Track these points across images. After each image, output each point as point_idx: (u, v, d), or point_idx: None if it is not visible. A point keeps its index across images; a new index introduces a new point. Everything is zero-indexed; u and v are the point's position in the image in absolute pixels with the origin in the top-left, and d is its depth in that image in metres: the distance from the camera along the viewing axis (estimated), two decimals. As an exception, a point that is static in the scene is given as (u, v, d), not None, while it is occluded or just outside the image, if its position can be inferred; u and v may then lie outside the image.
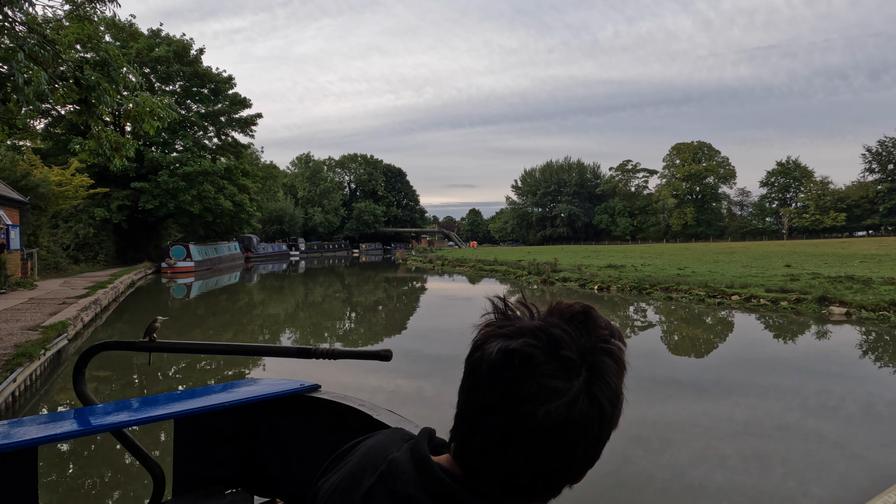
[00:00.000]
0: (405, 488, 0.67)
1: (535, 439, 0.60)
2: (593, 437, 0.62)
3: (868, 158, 78.25)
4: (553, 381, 0.60)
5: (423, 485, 0.66)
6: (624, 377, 0.64)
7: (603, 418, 0.62)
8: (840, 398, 6.83)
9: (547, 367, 0.60)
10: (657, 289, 18.14)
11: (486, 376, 0.63)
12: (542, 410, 0.59)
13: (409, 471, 0.69)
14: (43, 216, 23.35)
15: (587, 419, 0.60)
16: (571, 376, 0.60)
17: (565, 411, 0.59)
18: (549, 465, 0.62)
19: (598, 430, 0.62)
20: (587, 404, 0.60)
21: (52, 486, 4.64)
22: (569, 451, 0.61)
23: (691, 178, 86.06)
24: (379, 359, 1.82)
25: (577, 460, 0.62)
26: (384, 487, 0.70)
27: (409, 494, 0.66)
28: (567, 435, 0.60)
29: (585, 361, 0.61)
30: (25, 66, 5.85)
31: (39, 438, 1.43)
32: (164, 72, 34.48)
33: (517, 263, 30.63)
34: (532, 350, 0.61)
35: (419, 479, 0.67)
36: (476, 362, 0.65)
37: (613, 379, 0.63)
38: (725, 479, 4.54)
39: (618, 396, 0.63)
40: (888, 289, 14.09)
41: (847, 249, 34.92)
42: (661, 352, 9.94)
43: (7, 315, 10.89)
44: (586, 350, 0.62)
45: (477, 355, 0.65)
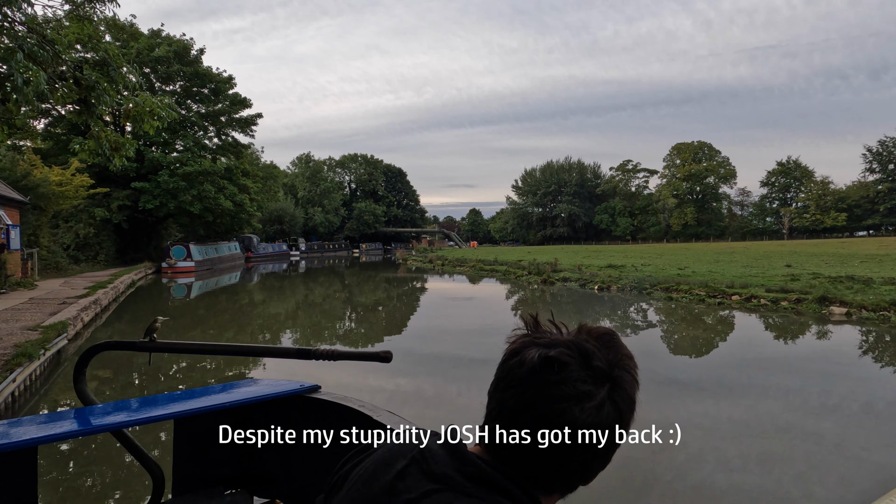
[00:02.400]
0: (440, 468, 0.73)
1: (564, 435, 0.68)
2: (611, 440, 0.70)
3: (868, 158, 78.26)
4: (585, 387, 0.69)
5: (458, 466, 0.72)
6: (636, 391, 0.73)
7: (621, 423, 0.71)
8: (841, 398, 6.82)
9: (580, 374, 0.69)
10: (657, 289, 18.13)
11: (525, 378, 0.71)
12: (577, 410, 0.68)
13: (442, 455, 0.75)
14: (43, 216, 23.36)
15: (610, 422, 0.69)
16: (599, 384, 0.69)
17: (595, 413, 0.68)
18: (571, 460, 0.69)
19: (612, 439, 0.70)
20: (611, 409, 0.69)
21: (52, 486, 4.64)
22: (591, 449, 0.69)
23: (692, 178, 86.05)
24: (379, 360, 1.82)
25: (596, 458, 0.70)
26: (417, 468, 0.74)
27: (445, 474, 0.72)
28: (592, 434, 0.68)
29: (611, 373, 0.71)
30: (25, 66, 5.84)
31: (39, 438, 1.43)
32: (164, 72, 34.48)
33: (517, 263, 30.62)
34: (568, 359, 0.70)
35: (453, 462, 0.73)
36: (514, 366, 0.73)
37: (630, 391, 0.72)
38: (726, 479, 4.54)
39: (633, 407, 0.72)
40: (889, 289, 14.08)
41: (847, 249, 34.91)
42: (662, 352, 9.93)
43: (7, 315, 10.89)
44: (611, 364, 0.71)
45: (515, 360, 0.73)
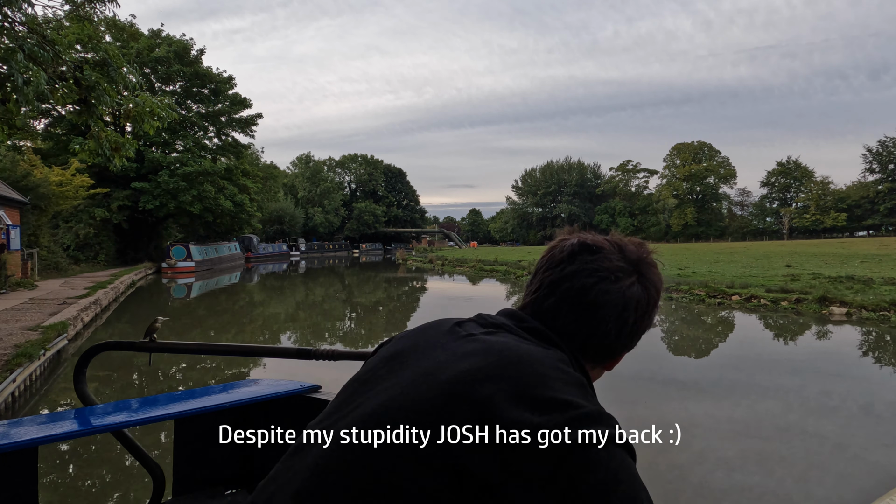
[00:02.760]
0: (496, 319, 0.85)
1: (600, 302, 0.79)
2: (638, 317, 0.82)
3: (868, 158, 78.26)
4: (620, 265, 0.82)
5: (513, 320, 0.83)
6: (661, 287, 0.86)
7: (648, 304, 0.83)
8: (841, 398, 6.82)
9: (615, 256, 0.83)
10: (657, 289, 18.14)
11: (566, 256, 0.84)
12: (612, 281, 0.80)
13: (498, 315, 0.87)
14: (43, 216, 23.36)
15: (639, 300, 0.81)
16: (631, 268, 0.82)
17: (626, 288, 0.80)
18: (604, 327, 0.80)
19: (642, 313, 0.82)
20: (640, 290, 0.82)
21: (53, 486, 4.64)
22: (622, 319, 0.80)
23: (692, 179, 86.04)
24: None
25: (624, 331, 0.81)
26: (473, 321, 0.86)
27: (502, 322, 0.83)
28: (623, 305, 0.80)
29: (639, 265, 0.84)
30: (25, 67, 5.84)
31: (39, 438, 1.43)
32: (164, 72, 34.49)
33: (517, 263, 30.61)
34: (605, 244, 0.84)
35: (509, 319, 0.84)
36: (556, 250, 0.86)
37: (656, 284, 0.85)
38: (726, 479, 4.54)
39: (657, 293, 0.85)
40: (889, 289, 14.08)
41: (847, 249, 34.92)
42: (662, 352, 9.93)
43: (7, 315, 10.90)
44: (641, 258, 0.84)
45: (557, 246, 0.87)
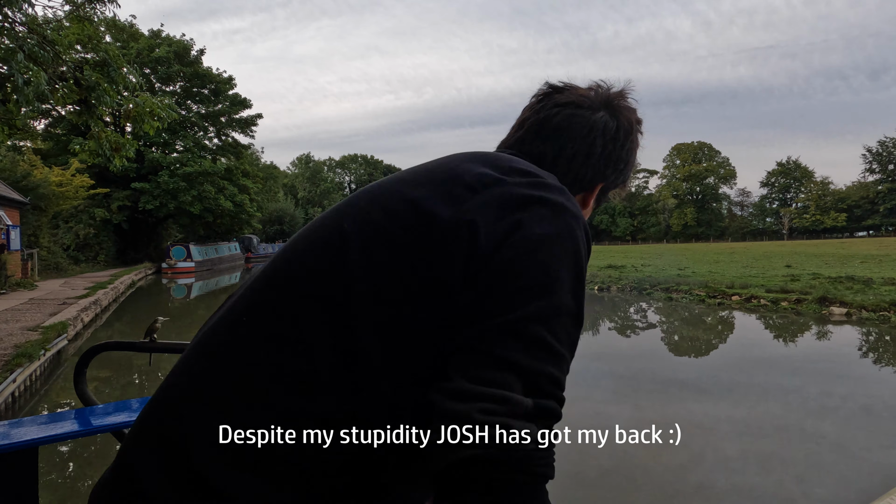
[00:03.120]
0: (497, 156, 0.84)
1: (564, 126, 0.85)
2: (608, 143, 0.85)
3: (868, 159, 78.27)
4: (587, 98, 0.87)
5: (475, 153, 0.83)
6: (635, 119, 0.90)
7: (618, 131, 0.87)
8: (841, 399, 6.82)
9: (584, 92, 0.89)
10: (657, 289, 18.14)
11: (537, 98, 0.90)
12: (576, 107, 0.86)
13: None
14: (43, 217, 23.35)
15: (606, 125, 0.85)
16: (600, 102, 0.87)
17: (592, 114, 0.85)
18: (569, 150, 0.84)
19: (612, 139, 0.86)
20: (608, 117, 0.86)
21: (53, 487, 4.64)
22: (588, 143, 0.84)
23: (692, 179, 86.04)
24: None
25: (592, 157, 0.85)
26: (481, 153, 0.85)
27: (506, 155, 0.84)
28: (588, 129, 0.84)
29: (612, 98, 0.89)
30: (25, 67, 5.85)
31: (40, 439, 1.43)
32: (164, 72, 34.49)
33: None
34: (576, 85, 0.91)
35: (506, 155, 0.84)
36: (533, 100, 0.91)
37: (627, 112, 0.89)
38: (726, 479, 4.54)
39: (631, 125, 0.88)
40: (889, 289, 14.08)
41: (847, 250, 34.91)
42: (662, 352, 9.94)
43: (7, 315, 10.90)
44: (613, 94, 0.89)
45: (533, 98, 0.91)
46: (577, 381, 7.83)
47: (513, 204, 0.68)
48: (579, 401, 6.82)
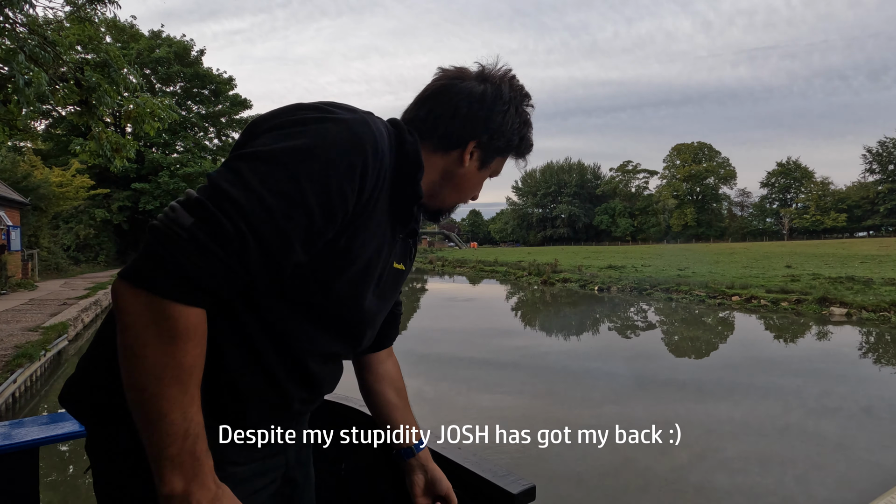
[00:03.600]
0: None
1: (435, 92, 0.98)
2: (475, 104, 0.95)
3: (868, 159, 78.24)
4: (462, 72, 0.99)
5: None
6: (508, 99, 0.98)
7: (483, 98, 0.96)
8: (841, 399, 6.83)
9: (465, 70, 1.00)
10: (658, 289, 18.14)
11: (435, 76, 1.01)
12: (448, 78, 0.98)
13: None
14: (43, 217, 23.36)
15: (472, 91, 0.96)
16: (475, 75, 0.99)
17: (461, 83, 0.97)
18: (437, 111, 0.96)
19: (479, 101, 0.95)
20: (477, 85, 0.97)
21: (53, 487, 4.64)
22: (453, 105, 0.95)
23: (692, 179, 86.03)
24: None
25: (458, 117, 0.95)
26: None
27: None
28: (455, 93, 0.96)
29: (489, 73, 0.99)
30: (26, 68, 5.85)
31: (41, 439, 1.43)
32: (164, 73, 34.50)
33: (517, 264, 30.62)
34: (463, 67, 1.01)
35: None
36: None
37: (497, 87, 0.97)
38: (726, 479, 4.54)
39: (498, 96, 0.97)
40: (889, 289, 14.08)
41: (847, 250, 34.91)
42: (662, 352, 9.94)
43: (7, 316, 10.90)
44: (489, 71, 0.99)
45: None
46: (578, 381, 7.84)
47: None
48: (579, 401, 6.82)
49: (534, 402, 6.70)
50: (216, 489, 0.74)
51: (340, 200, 0.76)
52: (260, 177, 0.71)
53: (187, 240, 0.67)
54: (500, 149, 1.00)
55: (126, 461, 0.79)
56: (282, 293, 0.82)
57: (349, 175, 0.77)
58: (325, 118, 0.78)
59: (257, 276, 0.75)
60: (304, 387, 0.92)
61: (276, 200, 0.71)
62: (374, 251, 0.89)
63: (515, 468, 1.29)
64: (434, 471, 1.18)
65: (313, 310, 0.86)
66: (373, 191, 0.82)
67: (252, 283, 0.77)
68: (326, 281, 0.83)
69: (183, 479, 0.70)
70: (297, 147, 0.74)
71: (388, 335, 1.23)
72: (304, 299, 0.84)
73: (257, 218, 0.70)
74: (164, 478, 0.69)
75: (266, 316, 0.82)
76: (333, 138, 0.76)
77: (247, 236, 0.70)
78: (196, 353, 0.70)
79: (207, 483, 0.72)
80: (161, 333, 0.67)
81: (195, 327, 0.70)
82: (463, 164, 0.98)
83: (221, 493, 0.75)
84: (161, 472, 0.69)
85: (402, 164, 0.89)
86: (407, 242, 1.04)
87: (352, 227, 0.82)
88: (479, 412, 6.29)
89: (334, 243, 0.81)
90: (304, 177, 0.73)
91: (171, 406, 0.68)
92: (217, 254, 0.68)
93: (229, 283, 0.72)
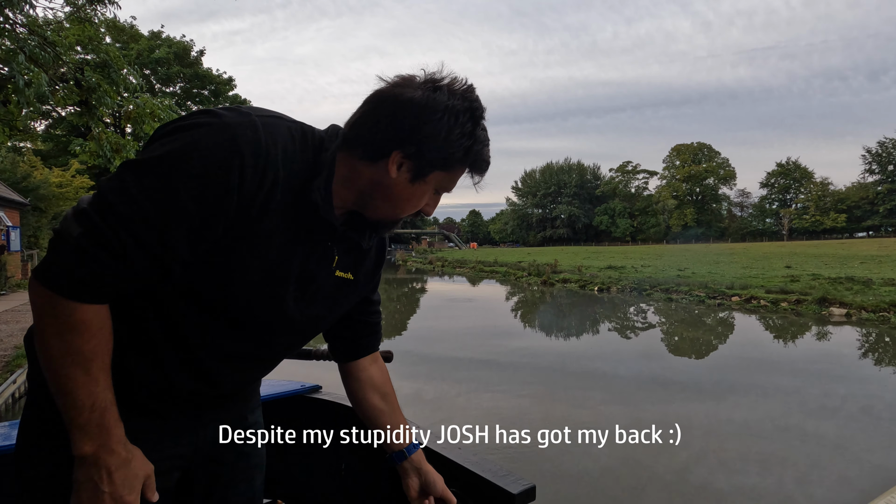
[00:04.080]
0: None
1: (371, 97, 0.91)
2: (396, 111, 0.88)
3: (868, 160, 78.28)
4: (396, 81, 0.91)
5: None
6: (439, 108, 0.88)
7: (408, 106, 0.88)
8: (841, 399, 6.83)
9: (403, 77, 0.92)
10: (657, 290, 18.14)
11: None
12: (386, 85, 0.91)
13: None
14: (43, 218, 23.36)
15: (397, 98, 0.88)
16: (404, 83, 0.90)
17: (387, 89, 0.90)
18: (366, 117, 0.91)
19: (402, 111, 0.88)
20: (402, 91, 0.89)
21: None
22: (378, 111, 0.90)
23: (691, 180, 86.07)
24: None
25: (381, 122, 0.89)
26: None
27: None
28: (383, 100, 0.90)
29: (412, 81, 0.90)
30: (26, 68, 5.85)
31: None
32: (164, 73, 34.53)
33: (517, 265, 30.63)
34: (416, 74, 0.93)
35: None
36: None
37: (426, 95, 0.88)
38: (726, 479, 4.54)
39: (426, 105, 0.87)
40: (888, 290, 14.09)
41: (847, 250, 34.93)
42: (662, 352, 9.94)
43: (7, 317, 10.90)
44: (420, 78, 0.91)
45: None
46: (577, 382, 7.84)
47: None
48: (579, 401, 6.82)
49: (533, 403, 6.70)
50: (125, 454, 0.85)
51: (214, 201, 0.80)
52: (138, 184, 0.77)
53: (74, 247, 0.77)
54: (435, 162, 0.90)
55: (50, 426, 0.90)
56: (180, 290, 0.88)
57: (220, 177, 0.79)
58: (204, 124, 0.82)
59: (145, 277, 0.83)
60: (199, 380, 0.95)
61: (152, 206, 0.77)
62: (279, 256, 0.89)
63: (515, 468, 1.29)
64: (428, 472, 1.19)
65: (209, 309, 0.90)
66: (256, 193, 0.83)
67: (149, 282, 0.85)
68: (220, 282, 0.87)
69: (92, 444, 0.82)
70: (171, 152, 0.79)
71: (365, 343, 1.23)
72: (200, 297, 0.88)
73: (135, 224, 0.77)
74: (76, 442, 0.82)
75: (164, 310, 0.89)
76: (206, 143, 0.79)
77: (126, 242, 0.77)
78: (94, 342, 0.80)
79: (116, 449, 0.84)
80: (59, 325, 0.79)
81: (90, 321, 0.80)
82: (390, 175, 0.91)
83: (131, 458, 0.86)
84: (73, 437, 0.82)
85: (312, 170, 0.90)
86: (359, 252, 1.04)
87: (238, 229, 0.84)
88: (479, 412, 6.29)
89: (222, 245, 0.84)
90: (177, 181, 0.77)
91: (76, 385, 0.80)
92: (100, 259, 0.77)
93: (118, 283, 0.81)
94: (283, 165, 0.86)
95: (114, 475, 0.83)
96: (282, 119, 0.90)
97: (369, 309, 1.20)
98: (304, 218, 0.90)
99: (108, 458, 0.83)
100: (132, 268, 0.80)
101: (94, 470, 0.83)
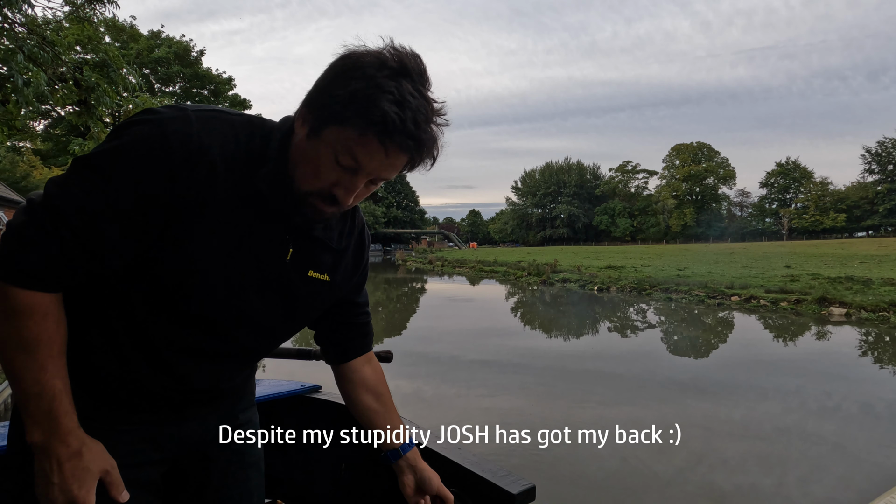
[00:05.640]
0: None
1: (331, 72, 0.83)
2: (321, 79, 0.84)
3: (867, 159, 78.34)
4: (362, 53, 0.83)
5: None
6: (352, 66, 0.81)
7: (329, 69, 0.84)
8: (841, 399, 6.83)
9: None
10: (657, 289, 18.15)
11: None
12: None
13: None
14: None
15: (331, 66, 0.84)
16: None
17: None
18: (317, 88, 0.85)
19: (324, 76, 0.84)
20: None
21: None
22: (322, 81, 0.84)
23: (691, 179, 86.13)
24: (380, 360, 1.82)
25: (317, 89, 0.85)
26: None
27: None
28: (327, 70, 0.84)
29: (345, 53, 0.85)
30: (25, 68, 5.85)
31: None
32: (164, 73, 34.51)
33: (517, 264, 30.63)
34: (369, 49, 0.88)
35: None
36: None
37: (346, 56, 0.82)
38: (726, 479, 4.54)
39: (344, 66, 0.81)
40: (888, 289, 14.09)
41: (847, 250, 34.94)
42: (662, 352, 9.94)
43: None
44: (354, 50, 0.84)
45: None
46: (577, 382, 7.83)
47: None
48: (579, 401, 6.82)
49: (533, 403, 6.69)
50: (77, 446, 0.85)
51: (147, 194, 0.82)
52: (78, 178, 0.81)
53: (18, 237, 0.80)
54: (324, 110, 0.81)
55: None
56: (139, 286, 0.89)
57: (150, 170, 0.81)
58: (142, 121, 0.84)
59: (86, 267, 0.84)
60: (164, 375, 0.95)
61: (87, 199, 0.80)
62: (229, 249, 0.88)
63: (515, 468, 1.29)
64: (423, 470, 1.19)
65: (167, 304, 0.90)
66: (191, 185, 0.83)
67: (93, 273, 0.86)
68: (174, 277, 0.88)
69: (41, 432, 0.83)
70: (108, 149, 0.82)
71: (355, 346, 1.23)
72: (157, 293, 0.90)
73: (71, 216, 0.80)
74: (28, 429, 0.84)
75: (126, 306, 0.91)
76: (139, 138, 0.82)
77: (64, 234, 0.80)
78: (38, 329, 0.82)
79: (67, 440, 0.84)
80: (5, 310, 0.81)
81: (34, 307, 0.82)
82: (297, 134, 0.87)
83: (85, 450, 0.86)
84: (25, 423, 0.84)
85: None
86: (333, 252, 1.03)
87: (183, 223, 0.85)
88: (479, 412, 6.29)
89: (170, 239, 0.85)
90: (111, 174, 0.81)
91: (22, 371, 0.82)
92: (40, 247, 0.80)
93: (58, 272, 0.83)
94: (221, 157, 0.85)
95: (63, 466, 0.83)
96: (223, 113, 0.90)
97: (355, 311, 1.19)
98: (254, 209, 0.89)
99: (57, 448, 0.83)
100: (70, 258, 0.82)
101: (45, 459, 0.84)
